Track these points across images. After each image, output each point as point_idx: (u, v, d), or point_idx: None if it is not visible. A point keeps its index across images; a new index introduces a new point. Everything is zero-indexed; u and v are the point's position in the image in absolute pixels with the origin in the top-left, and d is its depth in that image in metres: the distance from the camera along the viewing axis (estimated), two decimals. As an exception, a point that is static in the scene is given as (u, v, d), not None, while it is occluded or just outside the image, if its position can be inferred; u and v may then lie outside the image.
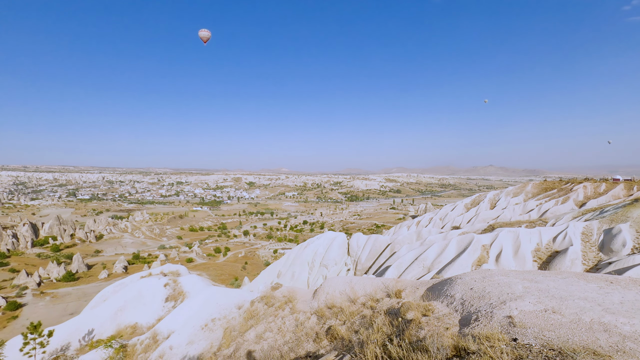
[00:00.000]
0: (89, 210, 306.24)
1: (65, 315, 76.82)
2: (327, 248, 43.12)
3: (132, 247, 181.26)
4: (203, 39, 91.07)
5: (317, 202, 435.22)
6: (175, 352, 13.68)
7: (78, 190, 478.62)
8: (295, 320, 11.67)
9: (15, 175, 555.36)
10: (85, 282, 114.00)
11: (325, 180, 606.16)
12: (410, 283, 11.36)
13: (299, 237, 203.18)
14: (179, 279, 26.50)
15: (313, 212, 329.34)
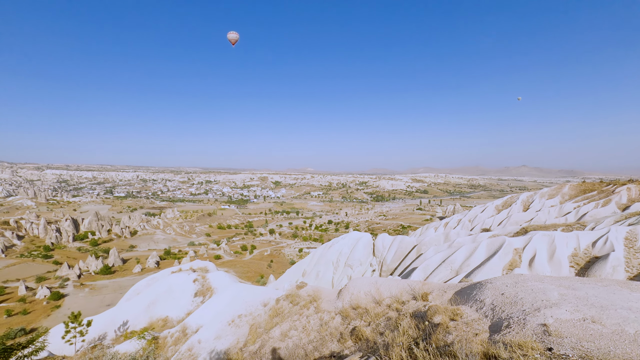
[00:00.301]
0: (124, 207, 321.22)
1: (103, 306, 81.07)
2: (352, 248, 42.92)
3: (164, 243, 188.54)
4: (231, 41, 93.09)
5: (342, 202, 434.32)
6: (204, 346, 14.07)
7: (115, 188, 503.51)
8: (319, 320, 11.70)
9: (59, 173, 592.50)
10: (121, 276, 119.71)
11: (350, 180, 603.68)
12: (437, 286, 11.09)
13: (323, 236, 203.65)
14: (208, 275, 27.24)
15: (338, 212, 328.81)
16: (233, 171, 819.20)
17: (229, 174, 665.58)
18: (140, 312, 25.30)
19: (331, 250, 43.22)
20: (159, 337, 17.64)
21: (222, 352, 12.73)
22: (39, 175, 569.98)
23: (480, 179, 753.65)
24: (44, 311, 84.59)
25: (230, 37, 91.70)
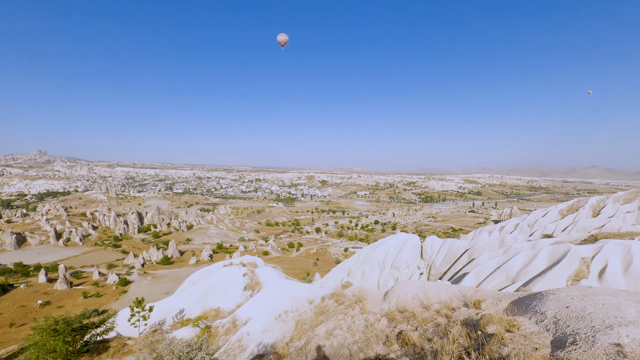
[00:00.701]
0: (182, 202, 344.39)
1: (162, 294, 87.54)
2: (398, 250, 41.96)
3: (216, 237, 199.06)
4: (281, 43, 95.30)
5: (389, 202, 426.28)
6: (252, 338, 14.63)
7: (174, 185, 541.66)
8: (365, 321, 11.59)
9: (127, 171, 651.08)
10: (178, 266, 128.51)
11: (398, 180, 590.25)
12: (491, 294, 10.44)
13: (369, 236, 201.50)
14: (256, 270, 28.26)
15: (385, 213, 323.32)
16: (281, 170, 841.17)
17: (277, 173, 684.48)
18: (195, 301, 26.96)
19: (377, 251, 42.63)
20: (211, 326, 18.68)
21: (269, 346, 13.14)
22: (110, 172, 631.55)
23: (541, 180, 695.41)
24: (113, 295, 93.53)
25: (279, 39, 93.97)
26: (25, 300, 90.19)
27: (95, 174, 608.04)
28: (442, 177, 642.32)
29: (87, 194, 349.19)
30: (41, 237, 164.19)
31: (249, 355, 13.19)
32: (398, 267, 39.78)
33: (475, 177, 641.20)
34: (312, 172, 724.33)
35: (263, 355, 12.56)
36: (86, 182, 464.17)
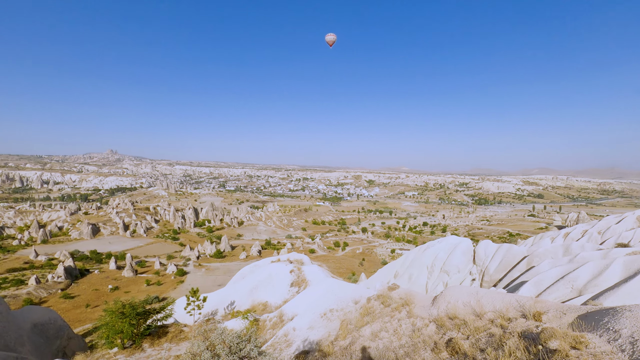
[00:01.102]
0: (233, 199, 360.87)
1: (215, 285, 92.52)
2: (449, 253, 40.19)
3: (265, 234, 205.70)
4: (329, 43, 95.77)
5: (439, 204, 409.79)
6: (298, 334, 14.90)
7: (226, 183, 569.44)
8: (412, 325, 11.27)
9: (185, 169, 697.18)
10: (229, 260, 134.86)
11: (449, 180, 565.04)
12: (553, 306, 9.59)
13: (418, 238, 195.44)
14: (303, 268, 28.73)
15: (434, 214, 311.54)
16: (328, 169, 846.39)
17: (324, 172, 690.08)
18: (244, 294, 28.12)
19: (426, 254, 41.22)
20: (259, 320, 19.35)
21: (314, 342, 13.29)
22: (170, 170, 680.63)
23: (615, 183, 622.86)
24: (171, 284, 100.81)
25: (328, 39, 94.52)
26: (99, 284, 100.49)
27: (157, 171, 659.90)
28: (498, 177, 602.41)
29: (150, 190, 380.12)
30: (112, 228, 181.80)
31: (294, 350, 13.46)
32: (448, 272, 38.13)
33: (536, 179, 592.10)
34: (359, 171, 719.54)
35: (308, 351, 12.74)
36: (150, 179, 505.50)
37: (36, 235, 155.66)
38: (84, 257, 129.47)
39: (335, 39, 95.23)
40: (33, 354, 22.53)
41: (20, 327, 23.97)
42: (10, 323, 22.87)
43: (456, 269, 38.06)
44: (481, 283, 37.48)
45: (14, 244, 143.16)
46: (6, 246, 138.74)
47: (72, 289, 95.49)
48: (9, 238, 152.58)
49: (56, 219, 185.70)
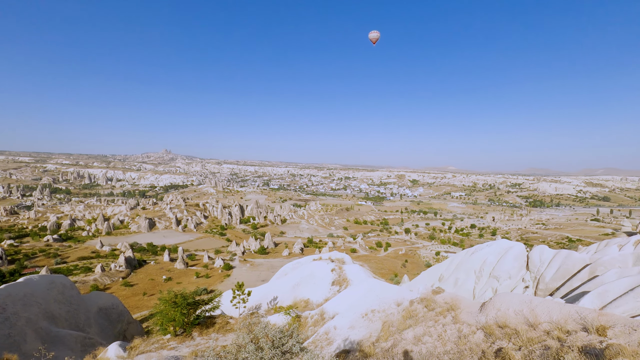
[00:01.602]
0: (277, 197, 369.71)
1: (259, 281, 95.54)
2: (499, 258, 37.95)
3: (307, 232, 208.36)
4: (372, 40, 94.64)
5: (488, 205, 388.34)
6: (339, 332, 14.95)
7: (270, 181, 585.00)
8: (457, 331, 10.82)
9: (231, 167, 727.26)
10: (273, 257, 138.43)
11: (500, 180, 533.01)
12: (621, 320, 8.68)
13: (464, 241, 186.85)
14: (344, 267, 28.73)
15: (483, 216, 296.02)
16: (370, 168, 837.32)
17: (366, 171, 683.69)
18: (286, 291, 28.74)
19: (474, 258, 39.32)
20: (301, 316, 19.68)
21: (355, 342, 13.25)
22: (218, 169, 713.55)
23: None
24: (218, 277, 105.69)
25: (371, 36, 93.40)
26: (154, 275, 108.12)
27: (206, 170, 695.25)
28: (556, 178, 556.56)
29: (200, 187, 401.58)
30: (166, 222, 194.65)
31: (335, 349, 13.51)
32: (498, 277, 36.07)
33: (602, 180, 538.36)
34: (402, 170, 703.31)
35: (349, 351, 12.73)
36: (199, 177, 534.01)
37: (101, 227, 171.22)
38: (142, 249, 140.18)
39: (378, 36, 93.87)
40: (98, 335, 24.85)
41: (89, 310, 26.55)
42: (80, 306, 25.44)
43: (507, 275, 35.88)
44: (535, 291, 34.98)
45: (83, 235, 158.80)
46: (77, 236, 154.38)
47: (131, 277, 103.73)
48: (79, 229, 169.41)
49: (118, 213, 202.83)
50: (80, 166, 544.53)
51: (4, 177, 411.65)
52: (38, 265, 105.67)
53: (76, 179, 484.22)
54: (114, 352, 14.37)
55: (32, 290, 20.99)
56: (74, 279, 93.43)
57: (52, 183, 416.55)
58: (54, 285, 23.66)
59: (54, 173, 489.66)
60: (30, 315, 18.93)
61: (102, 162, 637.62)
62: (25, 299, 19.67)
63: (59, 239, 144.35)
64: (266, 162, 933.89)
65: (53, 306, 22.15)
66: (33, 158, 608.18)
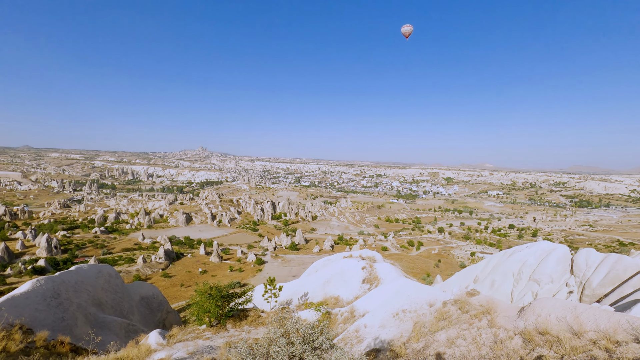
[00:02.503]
0: (308, 194, 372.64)
1: (290, 276, 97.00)
2: (540, 260, 35.96)
3: (337, 229, 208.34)
4: (405, 34, 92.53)
5: (528, 205, 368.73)
6: (369, 331, 14.88)
7: (301, 178, 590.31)
8: (493, 336, 10.41)
9: (264, 164, 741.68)
10: (303, 253, 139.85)
11: (542, 179, 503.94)
12: (680, 332, 7.97)
13: (502, 242, 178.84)
14: (375, 265, 28.48)
15: (523, 216, 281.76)
16: (402, 166, 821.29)
17: (398, 169, 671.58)
18: (317, 287, 28.95)
19: (512, 259, 37.57)
20: (331, 313, 19.77)
21: (385, 342, 13.13)
22: (251, 166, 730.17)
23: None
24: (251, 272, 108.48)
25: (404, 30, 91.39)
26: (191, 267, 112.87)
27: (240, 166, 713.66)
28: (606, 177, 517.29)
29: (233, 184, 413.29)
30: (202, 217, 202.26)
31: (365, 347, 13.47)
32: (538, 281, 34.24)
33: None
34: (435, 168, 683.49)
35: (379, 350, 12.64)
36: (233, 173, 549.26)
37: (143, 221, 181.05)
38: (179, 242, 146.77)
39: (411, 30, 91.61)
40: (140, 322, 26.37)
41: (132, 298, 28.23)
42: (124, 294, 27.10)
43: (549, 279, 33.97)
44: (580, 297, 32.86)
45: (127, 228, 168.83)
46: (121, 229, 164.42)
47: (170, 269, 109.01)
48: (123, 222, 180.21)
49: (158, 208, 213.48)
50: (124, 163, 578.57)
51: (58, 172, 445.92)
52: (87, 255, 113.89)
53: (120, 175, 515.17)
54: (155, 339, 15.19)
55: (82, 278, 22.64)
56: (119, 268, 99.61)
57: (99, 179, 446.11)
58: (102, 274, 25.37)
59: (101, 169, 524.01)
60: (81, 301, 20.44)
61: (144, 159, 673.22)
62: (77, 286, 21.25)
63: (105, 231, 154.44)
64: (297, 159, 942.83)
65: (100, 294, 23.78)
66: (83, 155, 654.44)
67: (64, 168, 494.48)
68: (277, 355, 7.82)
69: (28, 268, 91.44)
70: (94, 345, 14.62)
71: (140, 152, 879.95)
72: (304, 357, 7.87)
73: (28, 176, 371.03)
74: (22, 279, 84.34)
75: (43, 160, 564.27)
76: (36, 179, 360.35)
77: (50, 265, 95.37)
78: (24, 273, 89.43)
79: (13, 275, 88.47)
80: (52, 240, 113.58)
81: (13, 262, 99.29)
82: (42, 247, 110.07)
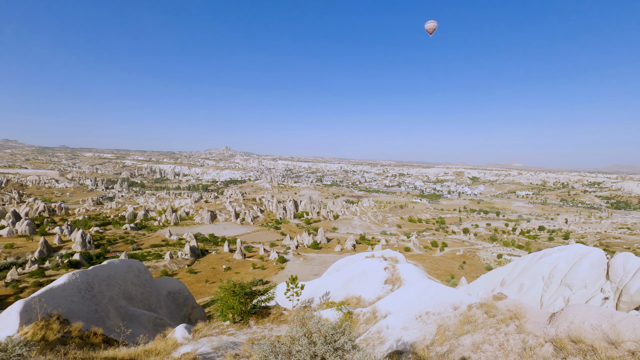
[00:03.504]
0: (329, 194, 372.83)
1: (311, 275, 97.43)
2: (572, 264, 34.33)
3: (359, 229, 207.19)
4: (429, 31, 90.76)
5: (560, 206, 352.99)
6: (391, 332, 14.71)
7: (323, 177, 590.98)
8: (522, 342, 10.04)
9: (286, 164, 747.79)
10: (325, 252, 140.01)
11: (575, 178, 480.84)
12: None
13: (531, 244, 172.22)
14: (397, 265, 28.12)
15: (554, 218, 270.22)
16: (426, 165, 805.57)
17: (422, 168, 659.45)
18: (338, 286, 28.91)
19: (541, 262, 36.08)
20: (352, 313, 19.70)
21: (408, 344, 12.94)
22: (274, 165, 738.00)
23: None
24: (273, 270, 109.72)
25: (428, 26, 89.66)
26: (215, 264, 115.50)
27: (263, 166, 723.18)
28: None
29: (256, 182, 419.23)
30: (226, 215, 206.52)
31: (387, 348, 13.33)
32: (570, 286, 32.72)
33: None
34: (460, 167, 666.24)
35: (402, 352, 12.47)
36: (256, 172, 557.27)
37: (170, 218, 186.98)
38: (204, 239, 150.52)
39: (435, 26, 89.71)
40: (167, 317, 27.24)
41: (159, 293, 29.21)
42: (152, 289, 28.08)
43: (582, 284, 32.38)
44: (617, 304, 31.13)
45: (155, 224, 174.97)
46: (150, 226, 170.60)
47: (195, 265, 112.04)
48: (151, 219, 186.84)
49: (184, 206, 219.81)
50: (152, 162, 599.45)
51: (92, 171, 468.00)
52: (118, 250, 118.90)
53: (149, 173, 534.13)
54: (181, 333, 15.66)
55: (114, 272, 23.66)
56: (147, 264, 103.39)
57: (129, 177, 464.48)
58: (131, 269, 26.40)
59: (131, 168, 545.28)
60: (112, 294, 21.36)
61: (171, 158, 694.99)
62: (109, 279, 22.22)
63: (135, 227, 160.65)
64: (319, 159, 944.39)
65: (130, 288, 24.75)
66: (114, 155, 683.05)
67: (97, 167, 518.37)
68: (299, 355, 7.87)
69: (64, 262, 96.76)
70: (124, 337, 15.26)
71: (168, 152, 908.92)
72: (325, 357, 7.88)
73: (65, 174, 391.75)
74: (59, 272, 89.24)
75: (78, 159, 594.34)
76: (72, 177, 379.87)
77: (85, 259, 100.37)
78: (61, 266, 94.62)
79: (51, 268, 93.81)
80: (86, 236, 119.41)
81: (51, 255, 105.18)
82: (77, 242, 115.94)
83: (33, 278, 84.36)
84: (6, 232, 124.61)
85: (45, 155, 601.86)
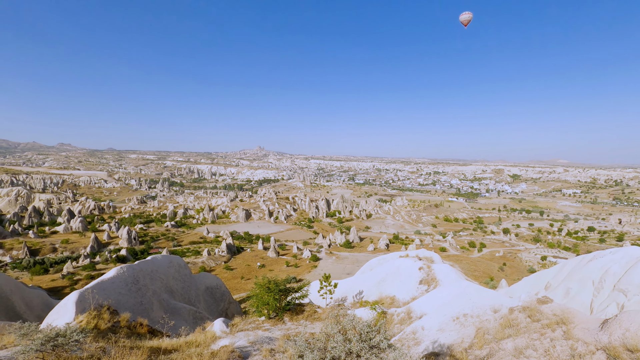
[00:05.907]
0: (362, 192, 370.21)
1: (344, 274, 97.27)
2: (627, 268, 31.68)
3: (393, 228, 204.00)
4: (464, 23, 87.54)
5: (613, 205, 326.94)
6: (427, 334, 14.39)
7: (355, 176, 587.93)
8: (570, 349, 9.45)
9: (318, 163, 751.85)
10: (358, 251, 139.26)
11: (630, 175, 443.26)
12: None
13: (579, 246, 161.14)
14: (433, 266, 27.43)
15: (605, 218, 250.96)
16: (462, 162, 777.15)
17: (458, 165, 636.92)
18: (371, 285, 28.68)
19: (591, 266, 33.64)
20: (386, 313, 19.48)
21: (445, 346, 12.61)
22: (306, 164, 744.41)
23: None
24: (306, 268, 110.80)
25: (463, 18, 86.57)
26: (250, 261, 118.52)
27: (295, 165, 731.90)
28: None
29: (289, 181, 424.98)
30: (260, 214, 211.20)
31: (423, 350, 13.06)
32: (625, 291, 30.24)
33: None
34: (500, 164, 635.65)
35: (439, 354, 12.17)
36: (289, 171, 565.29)
37: (207, 216, 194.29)
38: (240, 237, 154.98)
39: (471, 18, 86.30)
40: (205, 310, 28.39)
41: (198, 288, 30.48)
42: (191, 284, 29.36)
43: (638, 289, 29.86)
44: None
45: (194, 222, 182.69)
46: (189, 224, 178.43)
47: (231, 262, 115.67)
48: (190, 217, 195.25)
49: (220, 204, 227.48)
50: (190, 162, 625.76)
51: (136, 172, 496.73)
52: (160, 246, 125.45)
53: (187, 173, 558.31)
54: (219, 327, 16.27)
55: (157, 267, 25.02)
56: (187, 260, 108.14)
57: (169, 177, 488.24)
58: (172, 265, 27.78)
59: (171, 169, 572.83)
60: (156, 288, 22.61)
61: (208, 158, 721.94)
62: (152, 274, 23.54)
63: (175, 225, 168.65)
64: (351, 157, 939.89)
65: (171, 282, 26.07)
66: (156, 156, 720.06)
67: (141, 167, 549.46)
68: (335, 351, 7.93)
69: (113, 256, 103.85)
70: (167, 328, 16.10)
71: (205, 152, 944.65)
72: (360, 354, 7.88)
73: (112, 175, 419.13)
74: (108, 266, 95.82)
75: (124, 160, 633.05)
76: (118, 178, 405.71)
77: (130, 255, 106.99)
78: (110, 261, 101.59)
79: (101, 262, 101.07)
80: (132, 233, 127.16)
81: (101, 250, 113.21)
82: (124, 238, 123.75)
83: (85, 271, 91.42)
84: (62, 229, 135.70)
85: (95, 157, 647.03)
